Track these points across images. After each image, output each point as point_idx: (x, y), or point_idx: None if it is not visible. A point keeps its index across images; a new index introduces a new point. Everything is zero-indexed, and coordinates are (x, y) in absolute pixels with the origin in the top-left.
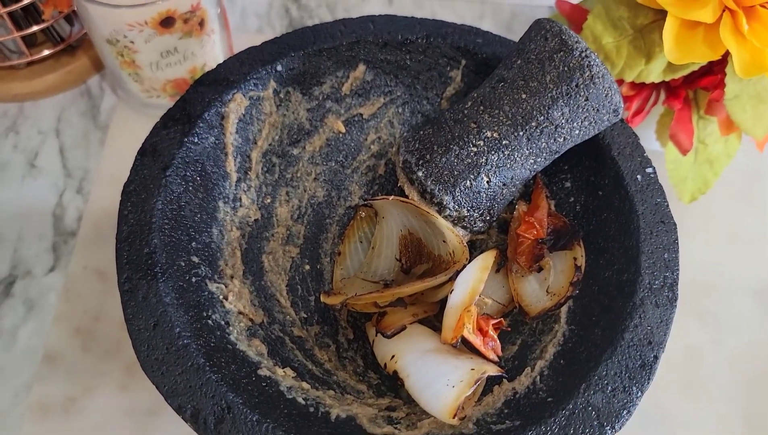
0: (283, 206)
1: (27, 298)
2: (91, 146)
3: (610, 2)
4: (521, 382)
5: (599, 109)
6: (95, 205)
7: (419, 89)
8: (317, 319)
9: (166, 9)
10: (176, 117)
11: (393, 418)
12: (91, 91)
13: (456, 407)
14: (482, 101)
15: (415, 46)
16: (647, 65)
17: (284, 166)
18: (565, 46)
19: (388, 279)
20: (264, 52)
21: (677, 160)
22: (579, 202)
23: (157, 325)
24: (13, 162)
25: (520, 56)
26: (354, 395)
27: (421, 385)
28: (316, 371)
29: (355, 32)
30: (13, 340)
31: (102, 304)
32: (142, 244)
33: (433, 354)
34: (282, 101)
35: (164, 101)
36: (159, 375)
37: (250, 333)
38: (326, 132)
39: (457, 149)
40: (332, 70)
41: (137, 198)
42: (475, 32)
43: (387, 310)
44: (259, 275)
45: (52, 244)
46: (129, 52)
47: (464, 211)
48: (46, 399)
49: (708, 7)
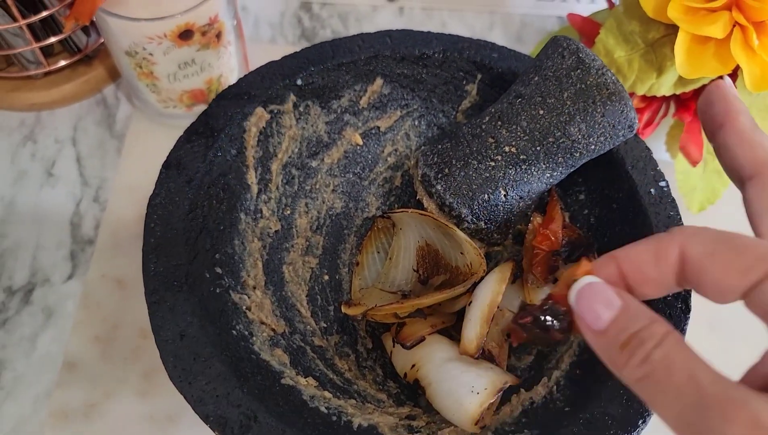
0: (303, 217)
1: (46, 306)
2: (108, 155)
3: (622, 16)
4: (538, 391)
5: (615, 124)
6: (112, 214)
7: (435, 102)
8: (337, 329)
9: (185, 22)
10: (199, 131)
11: (413, 427)
12: (106, 100)
13: (479, 414)
14: (500, 117)
15: (432, 61)
16: (659, 79)
17: (303, 178)
18: (582, 64)
19: (405, 289)
20: (284, 67)
21: (686, 171)
22: (593, 215)
23: (184, 336)
24: (30, 171)
25: (537, 73)
26: (374, 404)
27: (443, 392)
28: (337, 380)
29: (373, 47)
30: (32, 347)
31: (120, 311)
32: (169, 257)
33: (454, 363)
34: (301, 114)
35: (180, 111)
36: (186, 385)
37: (273, 343)
38: (344, 144)
39: (476, 163)
40: (350, 84)
41: (163, 211)
42: (491, 47)
43: (406, 320)
44: (279, 286)
45: (70, 252)
46: (147, 63)
47: (482, 223)
48: (66, 405)
49: (719, 22)
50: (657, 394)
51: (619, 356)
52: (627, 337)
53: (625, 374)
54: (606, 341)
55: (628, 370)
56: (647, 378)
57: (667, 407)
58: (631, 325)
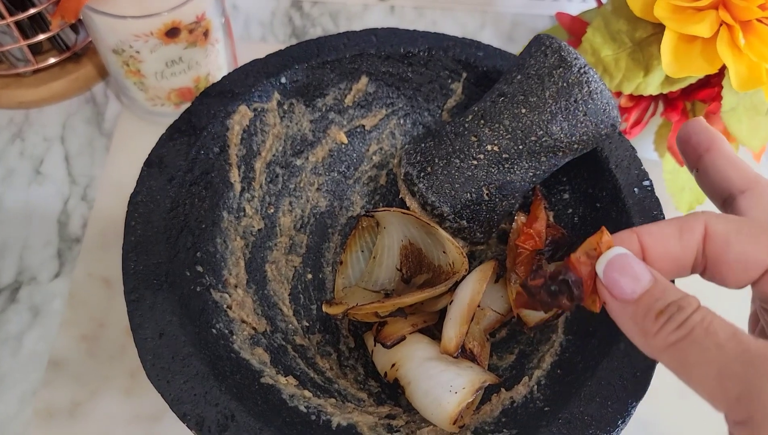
0: (286, 216)
1: (32, 304)
2: (96, 153)
3: (609, 15)
4: (519, 391)
5: (597, 123)
6: (100, 212)
7: (421, 101)
8: (319, 328)
9: (172, 20)
10: (182, 129)
11: (393, 426)
12: (95, 98)
13: (457, 413)
14: (483, 115)
15: (417, 59)
16: (645, 78)
17: (287, 176)
18: (564, 62)
19: (388, 288)
20: (268, 65)
21: (675, 171)
22: (577, 214)
23: (162, 335)
24: (18, 169)
25: (520, 71)
26: (355, 403)
27: (422, 391)
28: (318, 379)
29: (358, 45)
30: (18, 345)
31: (107, 310)
32: (149, 255)
33: (434, 362)
34: (286, 113)
35: (168, 109)
36: (164, 383)
37: (253, 342)
38: (329, 143)
39: (458, 162)
40: (335, 82)
41: (144, 209)
42: (476, 45)
43: (387, 319)
44: (262, 284)
45: (57, 251)
46: (134, 61)
47: (464, 222)
48: (52, 404)
49: (705, 21)
50: (696, 354)
51: (653, 323)
52: (664, 306)
53: (658, 340)
54: (636, 310)
55: (663, 335)
56: (685, 339)
57: (708, 364)
58: (667, 296)
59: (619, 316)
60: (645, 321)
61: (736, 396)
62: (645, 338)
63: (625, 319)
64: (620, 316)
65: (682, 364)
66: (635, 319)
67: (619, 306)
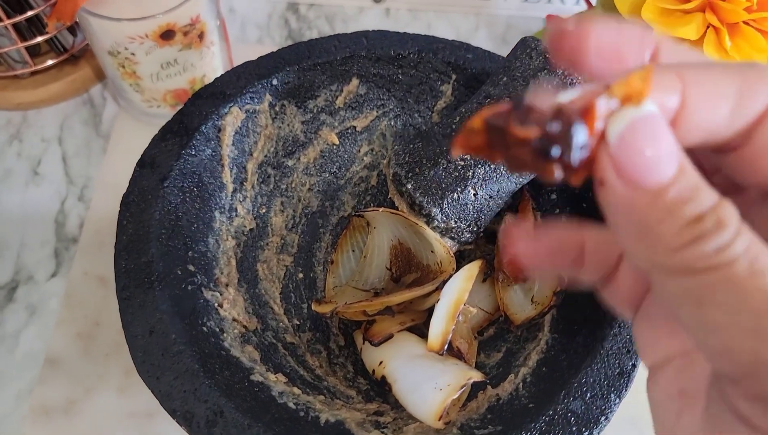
0: (278, 216)
1: (29, 303)
2: (93, 154)
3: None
4: (504, 388)
5: None
6: (96, 212)
7: (411, 103)
8: (309, 326)
9: (166, 22)
10: (174, 129)
11: (380, 423)
12: (93, 99)
13: (442, 410)
14: (470, 117)
15: (407, 61)
16: None
17: (279, 177)
18: (549, 64)
19: (378, 287)
20: (260, 66)
21: None
22: (564, 214)
23: (153, 332)
24: (16, 169)
25: (506, 73)
26: (343, 400)
27: (408, 388)
28: (308, 377)
29: (349, 47)
30: (15, 343)
31: (102, 309)
32: (140, 254)
33: (421, 359)
34: (277, 114)
35: (164, 111)
36: (154, 380)
37: (244, 339)
38: (320, 144)
39: (445, 163)
40: (326, 84)
41: (136, 208)
42: (466, 48)
43: (375, 318)
44: (253, 283)
45: (54, 250)
46: (130, 63)
47: (452, 222)
48: (48, 401)
49: (692, 24)
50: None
51: (677, 234)
52: (698, 212)
53: (677, 259)
54: (654, 207)
55: (687, 255)
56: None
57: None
58: (701, 198)
59: (620, 208)
60: (663, 226)
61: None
62: (654, 249)
63: (628, 214)
64: (622, 209)
65: (699, 302)
66: (647, 218)
67: (625, 193)
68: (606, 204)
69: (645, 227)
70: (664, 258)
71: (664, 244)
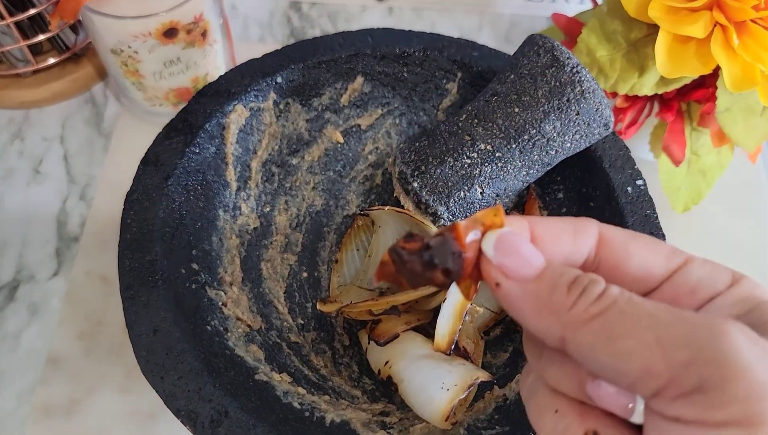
0: (282, 215)
1: (31, 303)
2: (95, 153)
3: (604, 16)
4: (512, 388)
5: (590, 123)
6: (98, 211)
7: (416, 101)
8: (314, 326)
9: (170, 20)
10: (178, 127)
11: (386, 423)
12: (95, 98)
13: (449, 410)
14: (476, 114)
15: (413, 59)
16: (640, 78)
17: (283, 175)
18: (557, 61)
19: (383, 287)
20: (264, 64)
21: (670, 171)
22: (571, 213)
23: (157, 331)
24: (18, 168)
25: (513, 71)
26: (348, 400)
27: (415, 389)
28: (312, 377)
29: (354, 45)
30: (16, 343)
31: (104, 308)
32: (144, 252)
33: (427, 359)
34: (282, 112)
35: (167, 109)
36: (158, 379)
37: (248, 339)
38: (325, 142)
39: (452, 161)
40: (331, 82)
41: (140, 206)
42: (471, 45)
43: (381, 317)
44: (257, 282)
45: (55, 250)
46: (133, 61)
47: (458, 221)
48: (49, 401)
49: (699, 22)
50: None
51: (565, 297)
52: (573, 278)
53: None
54: (540, 286)
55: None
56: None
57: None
58: (570, 271)
59: (518, 298)
60: (554, 296)
61: (683, 361)
62: (556, 316)
63: (525, 299)
64: (519, 298)
65: (607, 337)
66: (539, 296)
67: (516, 286)
68: (506, 302)
69: (541, 303)
70: (566, 317)
71: (561, 308)
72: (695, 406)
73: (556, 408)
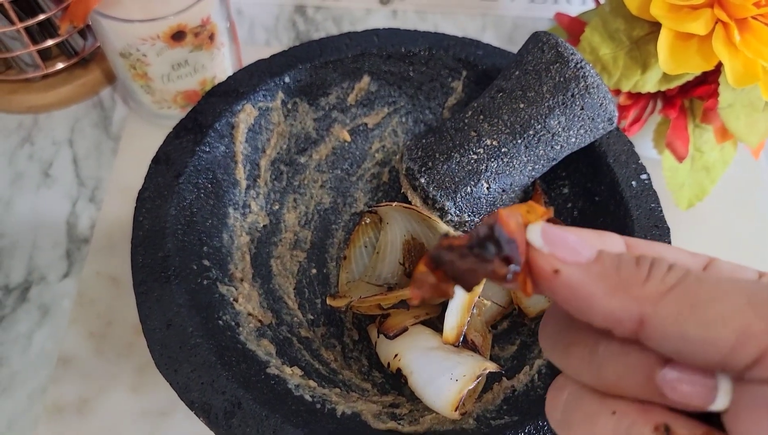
0: (291, 212)
1: (42, 304)
2: (104, 156)
3: (607, 15)
4: (520, 379)
5: (594, 117)
6: (107, 214)
7: (422, 99)
8: (324, 321)
9: (177, 23)
10: (188, 127)
11: (396, 415)
12: (103, 102)
13: (458, 400)
14: (482, 111)
15: (418, 58)
16: (643, 75)
17: (292, 173)
18: (561, 57)
19: (391, 282)
20: (272, 65)
21: (674, 168)
22: (576, 208)
23: (170, 325)
24: (28, 172)
25: (518, 67)
26: (359, 393)
27: (424, 380)
28: (323, 370)
29: (360, 45)
30: (28, 343)
31: (114, 308)
32: (156, 249)
33: (436, 351)
34: (290, 111)
35: (175, 112)
36: (172, 372)
37: (259, 334)
38: (332, 141)
39: (458, 157)
40: (338, 82)
41: (151, 204)
42: (476, 44)
43: (390, 311)
44: (267, 278)
45: (66, 251)
46: (141, 64)
47: (465, 216)
48: (61, 400)
49: (701, 19)
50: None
51: (635, 271)
52: (637, 255)
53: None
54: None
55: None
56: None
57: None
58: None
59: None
60: (622, 271)
61: None
62: (630, 291)
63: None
64: (584, 282)
65: (692, 305)
66: (607, 276)
67: (577, 270)
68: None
69: (610, 282)
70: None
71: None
72: None
73: (613, 410)
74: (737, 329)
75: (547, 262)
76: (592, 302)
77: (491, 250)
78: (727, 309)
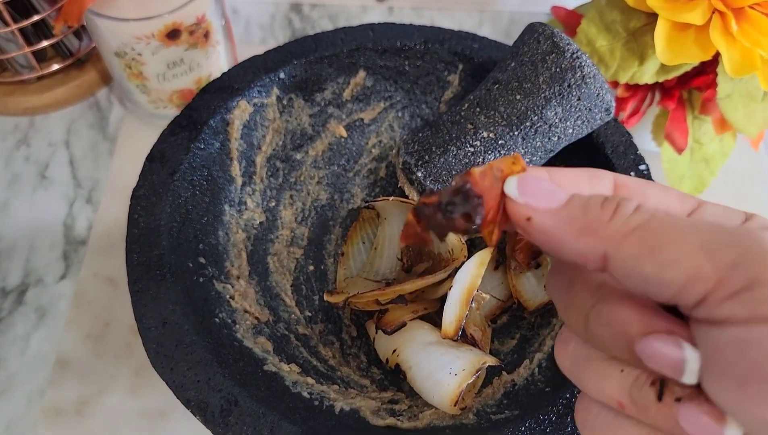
0: (288, 209)
1: (39, 306)
2: (100, 157)
3: (603, 6)
4: (520, 374)
5: (591, 108)
6: (104, 215)
7: (418, 94)
8: (321, 318)
9: (172, 22)
10: (183, 124)
11: (395, 411)
12: (99, 103)
13: (458, 395)
14: (478, 103)
15: (414, 52)
16: (640, 67)
17: (288, 170)
18: (557, 48)
19: (389, 278)
20: (267, 61)
21: (674, 160)
22: None
23: (166, 324)
24: (24, 174)
25: (513, 59)
26: (357, 389)
27: (423, 375)
28: (321, 367)
29: (355, 40)
30: (25, 346)
31: (112, 309)
32: (152, 247)
33: (434, 346)
34: (285, 107)
35: (171, 112)
36: (168, 371)
37: (256, 331)
38: (328, 137)
39: (455, 150)
40: (333, 77)
41: (146, 202)
42: (472, 38)
43: (388, 307)
44: (264, 276)
45: (63, 253)
46: (136, 64)
47: None
48: (59, 402)
49: (698, 9)
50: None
51: (601, 212)
52: (603, 198)
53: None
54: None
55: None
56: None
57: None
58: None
59: (552, 226)
60: (588, 213)
61: (731, 262)
62: (594, 232)
63: (559, 225)
64: (553, 225)
65: (651, 247)
66: (574, 218)
67: (547, 215)
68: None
69: (577, 224)
70: (606, 231)
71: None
72: (745, 304)
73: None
74: (688, 271)
75: (521, 211)
76: (562, 243)
77: (457, 207)
78: (682, 252)
